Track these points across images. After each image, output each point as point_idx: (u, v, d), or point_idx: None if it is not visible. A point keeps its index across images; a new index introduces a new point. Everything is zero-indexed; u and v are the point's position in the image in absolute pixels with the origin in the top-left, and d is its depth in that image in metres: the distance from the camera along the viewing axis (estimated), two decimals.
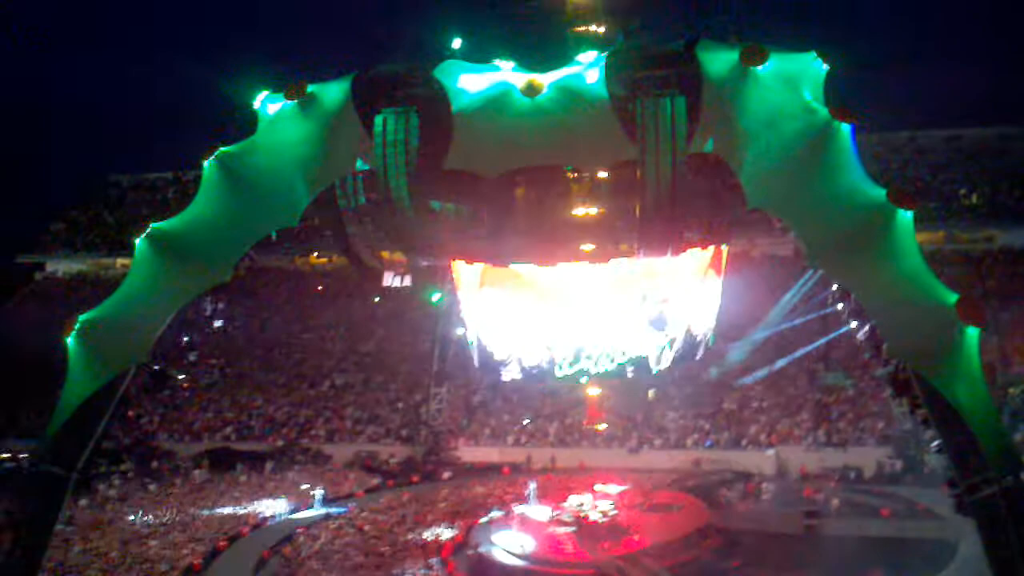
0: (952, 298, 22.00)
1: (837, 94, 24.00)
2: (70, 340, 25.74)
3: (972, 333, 21.78)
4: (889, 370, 23.45)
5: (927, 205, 58.98)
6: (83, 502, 43.37)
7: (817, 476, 46.87)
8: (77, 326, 25.78)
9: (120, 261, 67.76)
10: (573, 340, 33.33)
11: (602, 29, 30.95)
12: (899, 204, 22.35)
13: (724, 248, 32.47)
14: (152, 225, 26.04)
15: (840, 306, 26.49)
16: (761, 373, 51.18)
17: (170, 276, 26.08)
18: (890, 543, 35.37)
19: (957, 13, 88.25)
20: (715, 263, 33.07)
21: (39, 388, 52.21)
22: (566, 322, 33.05)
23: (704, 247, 31.19)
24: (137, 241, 26.01)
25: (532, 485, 44.72)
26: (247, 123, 25.99)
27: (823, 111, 23.04)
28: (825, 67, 24.37)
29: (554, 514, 40.00)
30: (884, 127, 64.04)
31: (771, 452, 50.02)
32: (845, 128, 22.73)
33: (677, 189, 23.94)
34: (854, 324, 25.11)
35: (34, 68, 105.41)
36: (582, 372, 34.10)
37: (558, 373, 35.20)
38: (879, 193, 22.55)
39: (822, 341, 48.32)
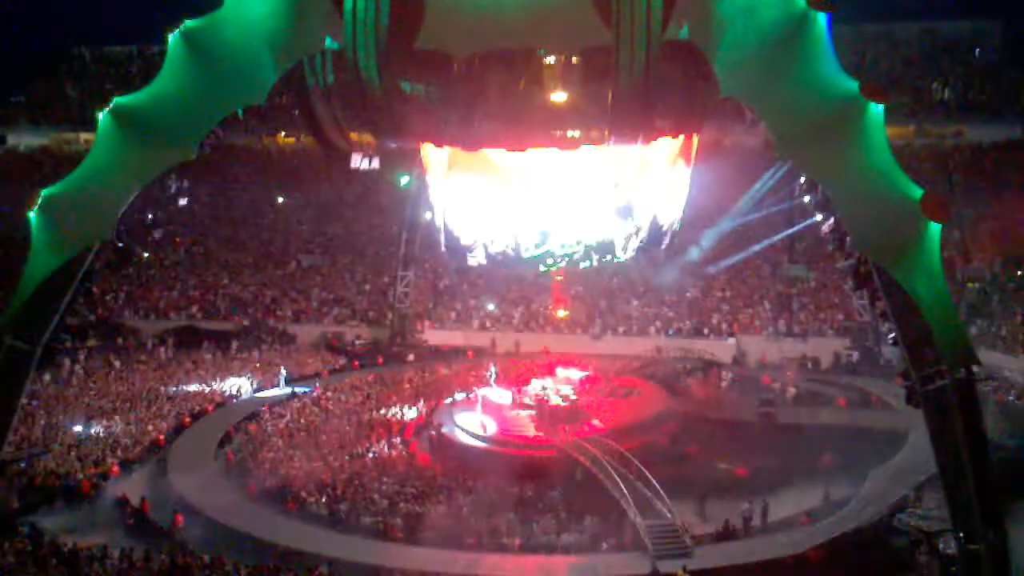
0: (917, 193, 22.10)
1: None
2: (33, 215, 25.40)
3: (934, 228, 21.95)
4: (851, 263, 23.70)
5: (898, 99, 58.99)
6: (47, 377, 43.49)
7: (776, 365, 47.90)
8: (40, 201, 25.37)
9: (83, 136, 66.46)
10: (540, 225, 33.30)
11: None
12: (871, 97, 22.23)
13: (695, 137, 32.32)
14: (116, 100, 25.39)
15: (806, 198, 26.66)
16: (725, 263, 51.71)
17: (134, 152, 25.59)
18: (844, 431, 36.43)
19: None
20: (685, 152, 32.89)
21: (2, 262, 51.88)
22: (533, 207, 32.95)
23: (675, 136, 31.04)
24: (100, 116, 25.43)
25: (495, 369, 45.35)
26: None
27: (800, 0, 22.73)
28: None
29: (516, 397, 40.64)
30: (859, 18, 63.45)
31: (731, 341, 50.93)
32: (821, 18, 22.41)
33: (651, 76, 23.69)
34: (819, 217, 25.26)
35: None
36: (548, 255, 34.15)
37: (524, 258, 35.32)
38: (851, 85, 22.41)
39: (786, 233, 48.74)
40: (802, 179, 25.63)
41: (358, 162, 32.86)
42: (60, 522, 29.96)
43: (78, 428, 37.95)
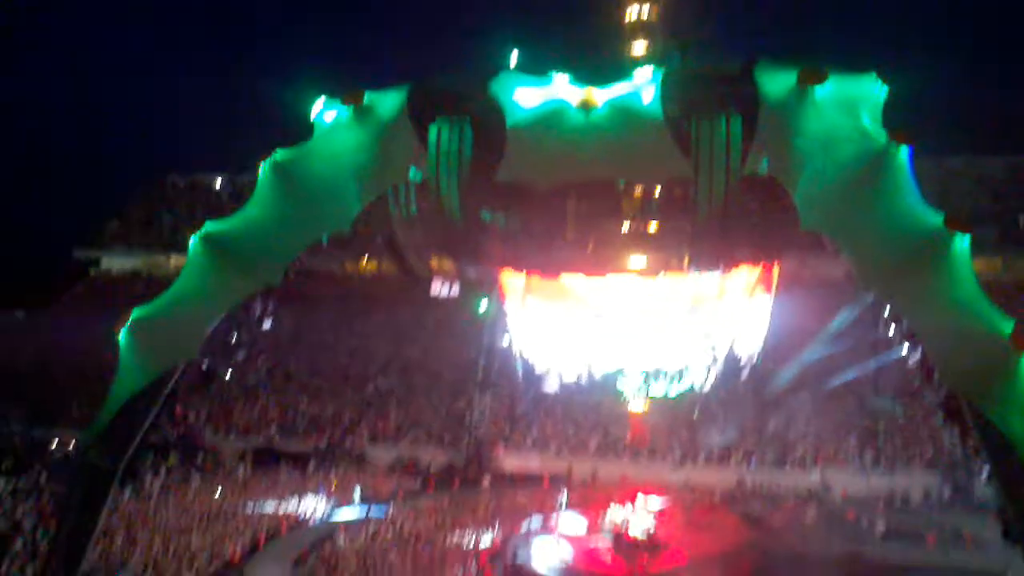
0: (1008, 326, 21.58)
1: (896, 115, 23.68)
2: (122, 335, 26.10)
3: None
4: (940, 397, 23.08)
5: (985, 232, 58.03)
6: (128, 494, 43.87)
7: (862, 500, 46.28)
8: (129, 322, 26.14)
9: (174, 260, 68.82)
10: (617, 354, 33.21)
11: (659, 45, 30.93)
12: (956, 230, 22.03)
13: (775, 267, 32.18)
14: (207, 226, 26.32)
15: (892, 330, 26.14)
16: (808, 394, 50.67)
17: (222, 277, 26.35)
18: (935, 571, 34.81)
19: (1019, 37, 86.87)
20: (765, 282, 32.77)
21: (91, 380, 53.14)
22: (611, 336, 32.93)
23: (754, 265, 30.95)
24: (191, 241, 26.32)
25: (572, 496, 44.63)
26: (303, 128, 26.20)
27: (881, 135, 22.73)
28: (885, 89, 24.06)
29: (593, 526, 39.86)
30: (944, 151, 63.26)
31: (815, 473, 49.47)
32: (903, 151, 22.41)
33: (730, 208, 23.82)
34: (905, 349, 24.74)
35: (96, 68, 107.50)
36: (625, 383, 33.94)
37: (601, 387, 35.06)
38: (936, 218, 22.23)
39: (872, 365, 47.64)
40: (887, 310, 25.22)
41: (438, 289, 33.38)
42: None
43: (155, 545, 38.06)
